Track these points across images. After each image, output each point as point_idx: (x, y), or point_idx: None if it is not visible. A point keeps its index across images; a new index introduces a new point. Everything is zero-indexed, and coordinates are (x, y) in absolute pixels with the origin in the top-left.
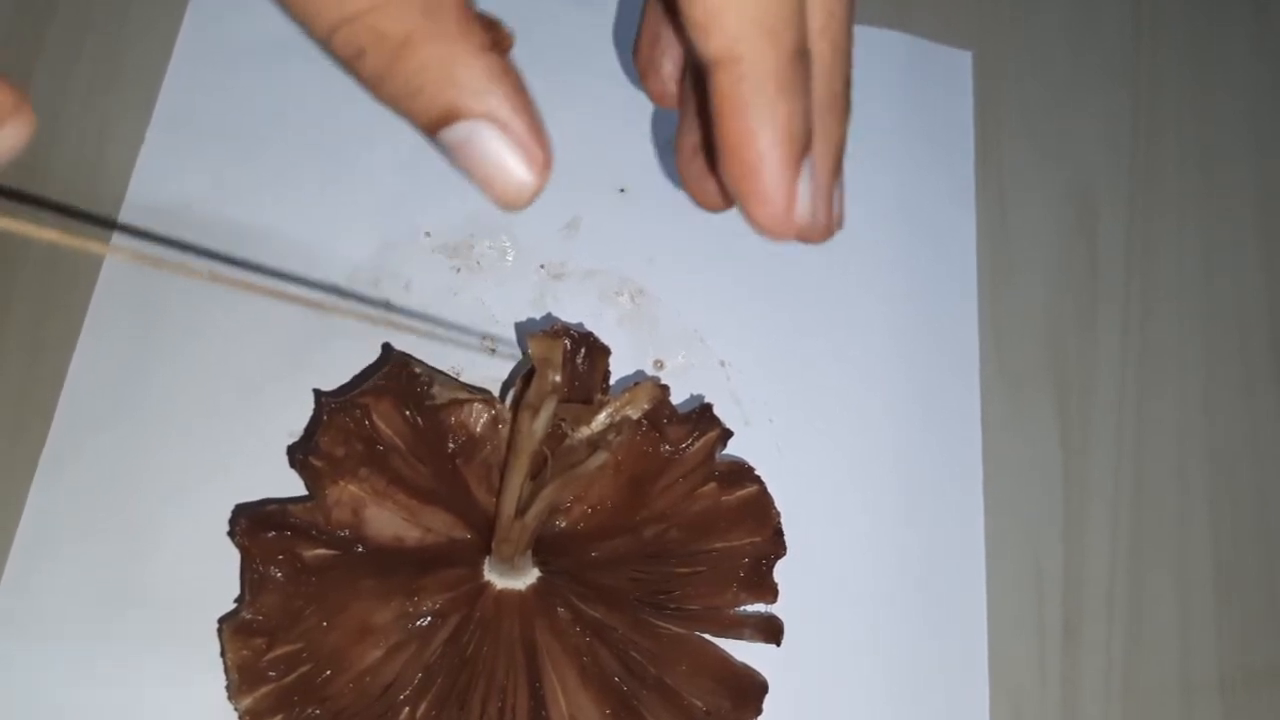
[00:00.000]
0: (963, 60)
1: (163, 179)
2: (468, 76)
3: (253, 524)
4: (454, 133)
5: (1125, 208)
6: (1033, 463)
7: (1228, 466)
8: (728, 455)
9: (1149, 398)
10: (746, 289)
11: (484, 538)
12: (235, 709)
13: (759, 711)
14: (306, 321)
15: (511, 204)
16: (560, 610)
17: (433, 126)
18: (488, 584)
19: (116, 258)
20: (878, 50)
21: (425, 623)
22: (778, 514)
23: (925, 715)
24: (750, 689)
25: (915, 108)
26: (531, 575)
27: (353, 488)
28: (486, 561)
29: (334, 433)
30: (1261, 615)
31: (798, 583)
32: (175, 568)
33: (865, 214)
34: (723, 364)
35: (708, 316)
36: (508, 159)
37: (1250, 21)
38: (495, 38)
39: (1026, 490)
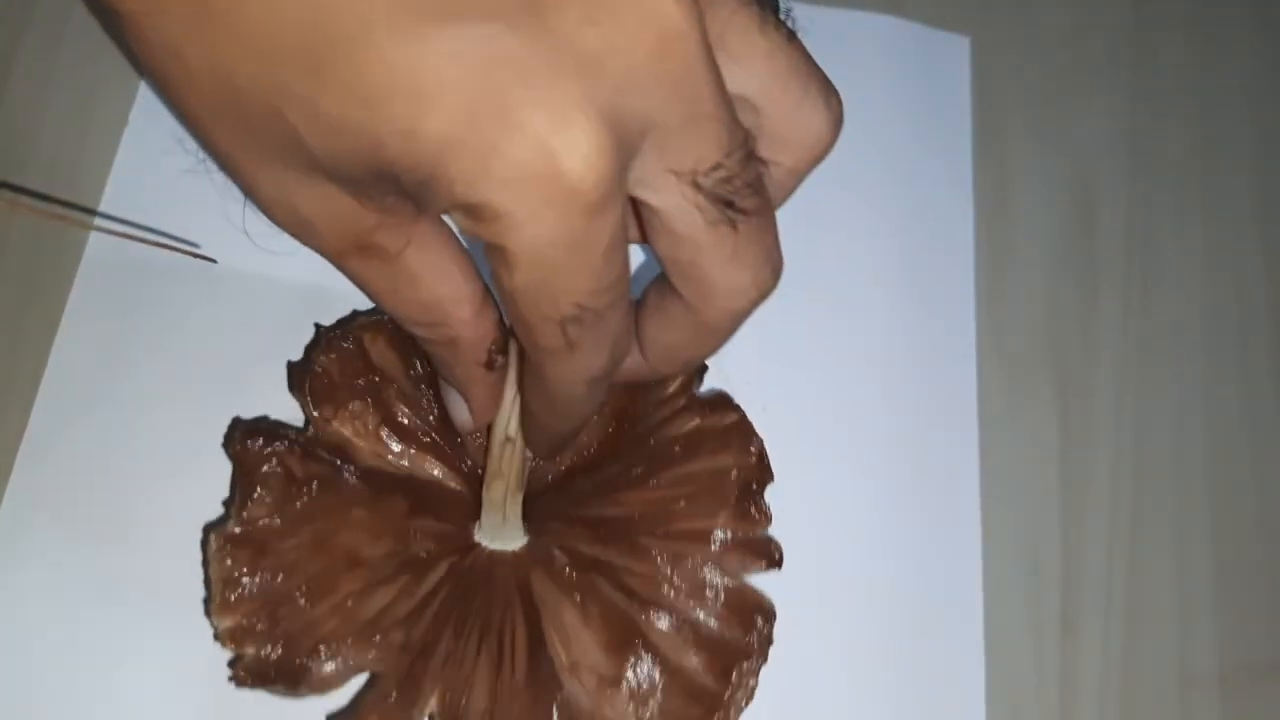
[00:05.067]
0: (960, 45)
1: (147, 161)
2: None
3: (247, 433)
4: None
5: (1125, 194)
6: (1030, 454)
7: (1228, 458)
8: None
9: (1148, 388)
10: None
11: (474, 494)
12: (213, 626)
13: (771, 639)
14: (293, 307)
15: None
16: (555, 552)
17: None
18: (478, 545)
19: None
20: (873, 35)
21: (417, 562)
22: (760, 440)
23: (921, 710)
24: (759, 611)
25: (912, 94)
26: (522, 540)
27: (346, 429)
28: (477, 527)
29: (332, 353)
30: (1262, 609)
31: (789, 573)
32: (158, 555)
33: (861, 202)
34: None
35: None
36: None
37: (1249, 7)
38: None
39: (1023, 482)
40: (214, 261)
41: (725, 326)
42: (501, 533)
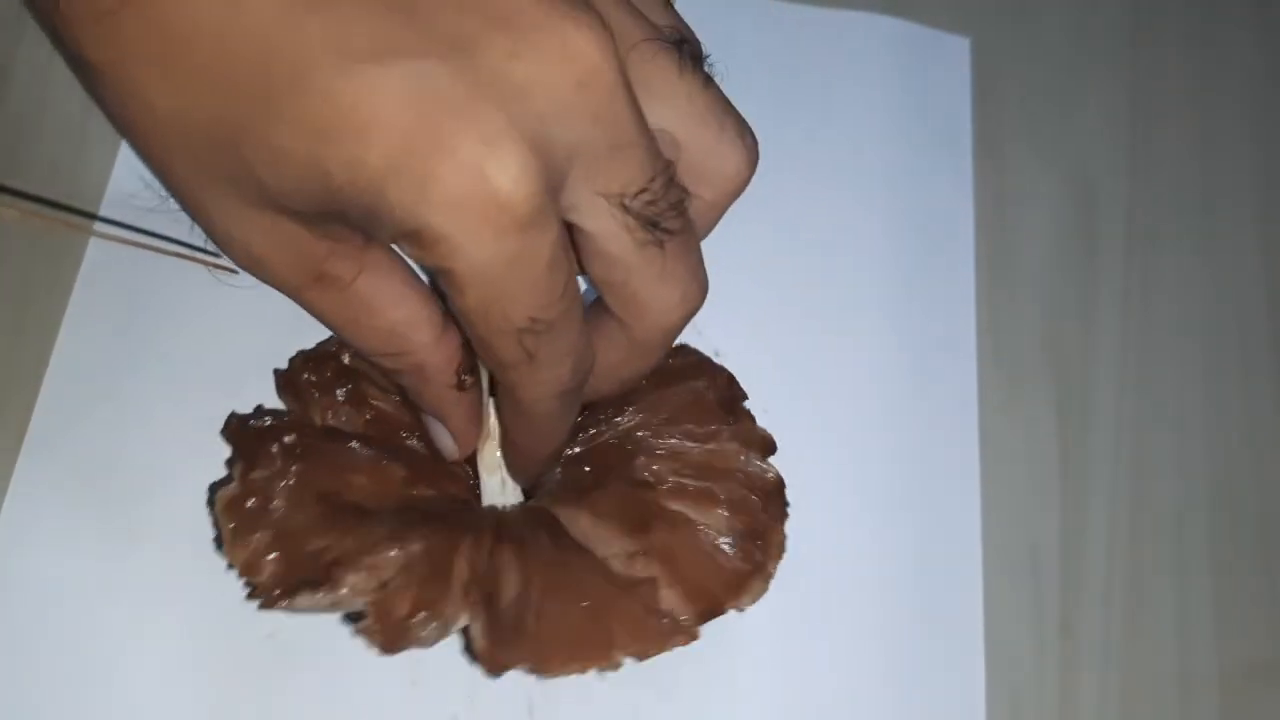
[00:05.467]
0: (961, 47)
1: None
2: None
3: (241, 420)
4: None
5: (1125, 196)
6: (1030, 455)
7: (1227, 459)
8: None
9: (1147, 389)
10: (742, 278)
11: (468, 470)
12: (229, 564)
13: (785, 511)
14: (293, 307)
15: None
16: (560, 489)
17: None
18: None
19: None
20: (873, 37)
21: (423, 513)
22: (727, 370)
23: (921, 708)
24: (770, 485)
25: (912, 95)
26: (520, 496)
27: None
28: (477, 497)
29: (310, 362)
30: (1262, 608)
31: (791, 574)
32: (160, 555)
33: (861, 204)
34: (717, 354)
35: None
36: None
37: (1250, 10)
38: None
39: (1023, 483)
40: (235, 272)
41: (658, 342)
42: (502, 497)
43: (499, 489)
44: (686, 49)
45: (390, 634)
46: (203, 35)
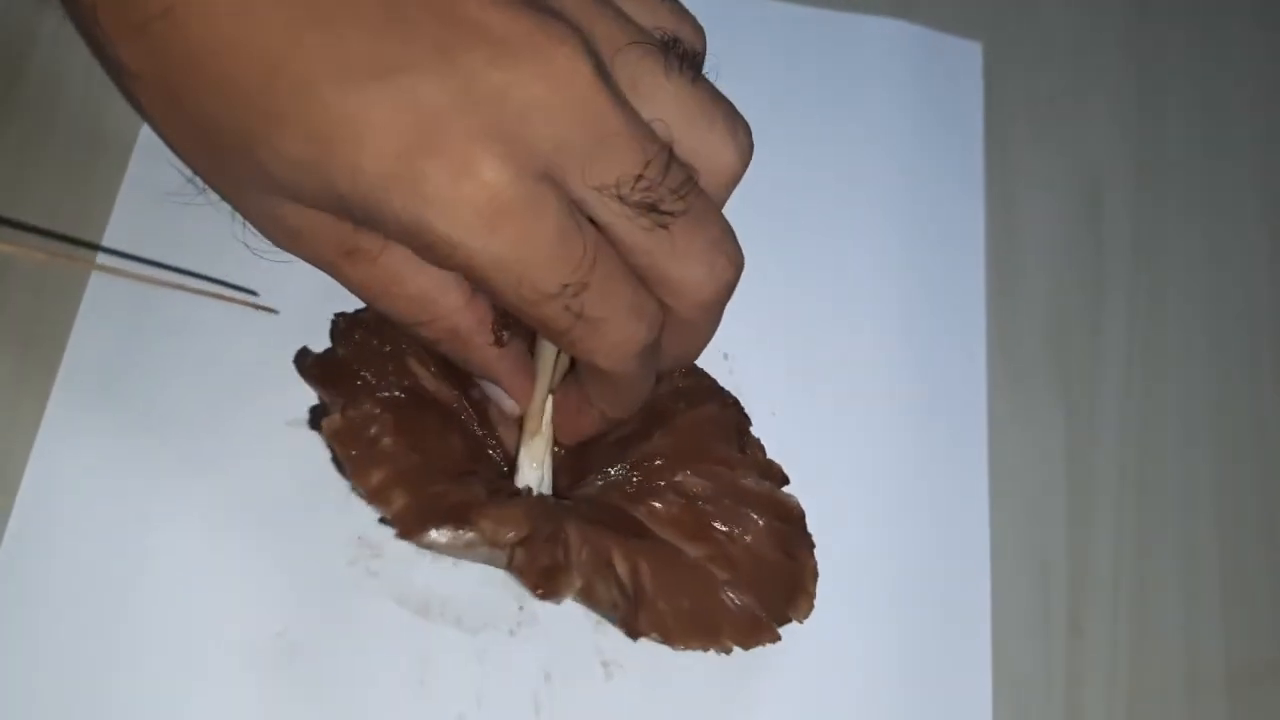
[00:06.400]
0: (972, 51)
1: (160, 165)
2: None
3: (319, 361)
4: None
5: (1133, 199)
6: (1038, 457)
7: (1234, 460)
8: None
9: (1155, 390)
10: (751, 281)
11: (492, 452)
12: (359, 492)
13: (811, 540)
14: (302, 316)
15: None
16: (604, 488)
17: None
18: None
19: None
20: (885, 41)
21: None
22: (732, 394)
23: (928, 709)
24: (795, 515)
25: (923, 99)
26: (550, 490)
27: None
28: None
29: (358, 322)
30: (1269, 610)
31: None
32: (169, 566)
33: (872, 208)
34: (726, 357)
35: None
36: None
37: (1255, 16)
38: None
39: (1032, 484)
40: (275, 312)
41: (701, 318)
42: (537, 488)
43: (537, 480)
44: (675, 49)
45: (538, 578)
46: (220, 48)
